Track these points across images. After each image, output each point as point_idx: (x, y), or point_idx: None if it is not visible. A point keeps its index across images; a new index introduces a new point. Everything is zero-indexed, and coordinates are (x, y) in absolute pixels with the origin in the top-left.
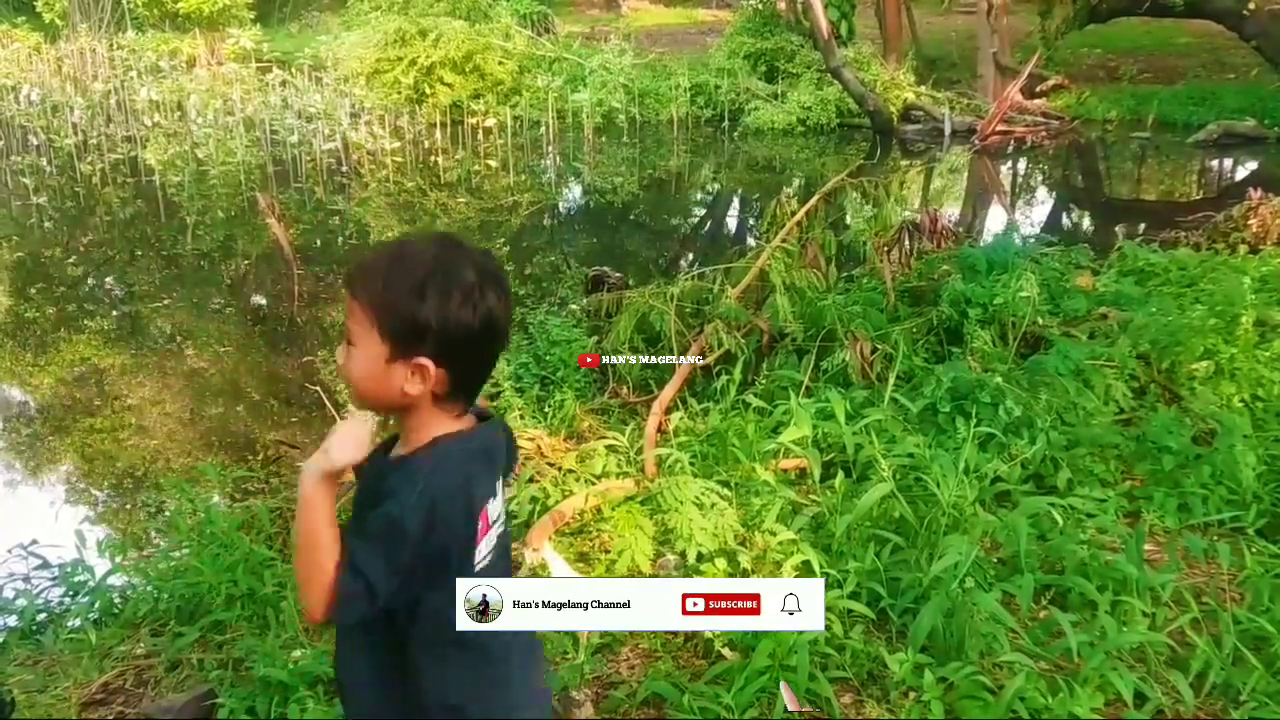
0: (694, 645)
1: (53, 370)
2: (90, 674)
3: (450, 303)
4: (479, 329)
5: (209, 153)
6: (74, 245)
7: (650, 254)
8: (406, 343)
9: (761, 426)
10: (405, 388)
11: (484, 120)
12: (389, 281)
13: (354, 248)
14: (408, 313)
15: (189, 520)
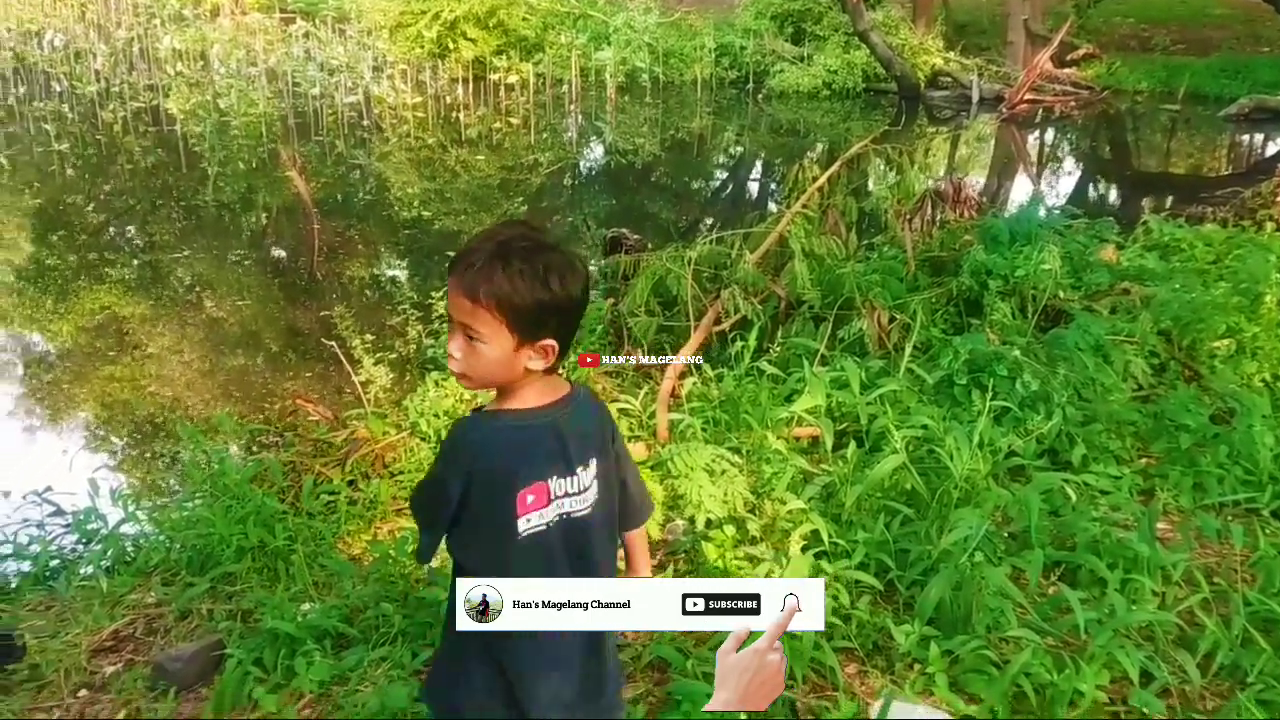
0: None
1: (72, 318)
2: (101, 621)
3: (565, 285)
4: (580, 301)
5: (231, 103)
6: (95, 193)
7: (670, 216)
8: (535, 329)
9: (775, 394)
10: (529, 366)
11: (506, 76)
12: (511, 280)
13: (373, 203)
14: (534, 304)
15: (203, 471)
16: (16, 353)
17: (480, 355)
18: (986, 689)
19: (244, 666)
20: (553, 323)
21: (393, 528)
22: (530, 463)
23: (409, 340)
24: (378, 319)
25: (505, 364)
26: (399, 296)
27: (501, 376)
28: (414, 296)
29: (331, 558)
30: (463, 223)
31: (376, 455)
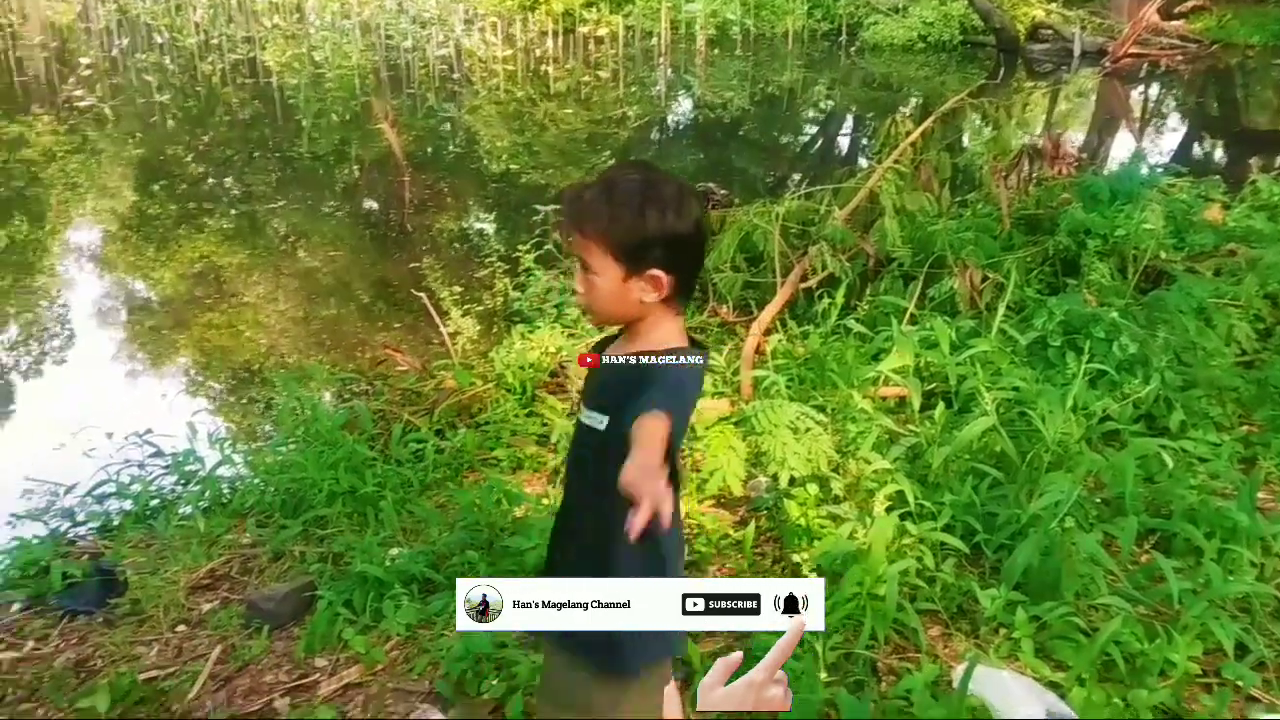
0: (781, 568)
1: (173, 266)
2: (199, 560)
3: (667, 215)
4: (692, 233)
5: (325, 56)
6: (194, 144)
7: (757, 171)
8: (638, 259)
9: (862, 353)
10: (643, 299)
11: (595, 29)
12: (612, 212)
13: (462, 156)
14: (636, 233)
15: (296, 417)
16: (120, 299)
17: (595, 288)
18: (1074, 656)
19: (334, 608)
20: (658, 253)
21: (478, 477)
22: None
23: (496, 293)
24: (466, 271)
25: (618, 296)
26: (486, 249)
27: (618, 310)
28: (501, 249)
29: (419, 504)
30: (550, 176)
31: (463, 405)
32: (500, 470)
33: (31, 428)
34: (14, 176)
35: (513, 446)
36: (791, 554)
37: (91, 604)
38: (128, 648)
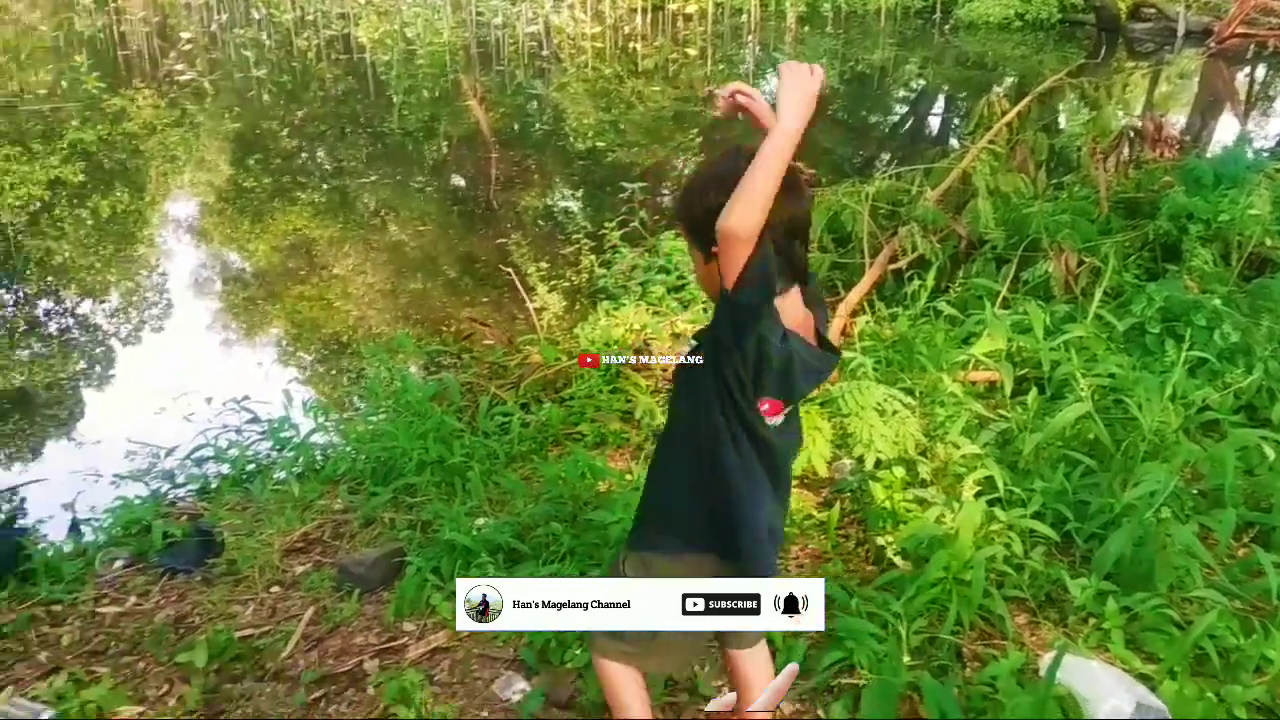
0: (865, 550)
1: (267, 238)
2: (292, 523)
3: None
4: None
5: (417, 32)
6: (289, 119)
7: (845, 151)
8: (708, 241)
9: (952, 336)
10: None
11: (684, 6)
12: (684, 197)
13: (549, 133)
14: (697, 215)
15: (386, 388)
16: (215, 270)
17: (695, 271)
18: (1166, 649)
19: (422, 574)
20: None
21: (562, 451)
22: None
23: (581, 270)
24: (551, 248)
25: (708, 279)
26: (572, 226)
27: (711, 290)
28: (587, 226)
29: (505, 476)
30: (635, 155)
31: (548, 380)
32: (584, 445)
33: (133, 392)
34: (116, 149)
35: (597, 422)
36: (875, 537)
37: (190, 563)
38: (224, 606)
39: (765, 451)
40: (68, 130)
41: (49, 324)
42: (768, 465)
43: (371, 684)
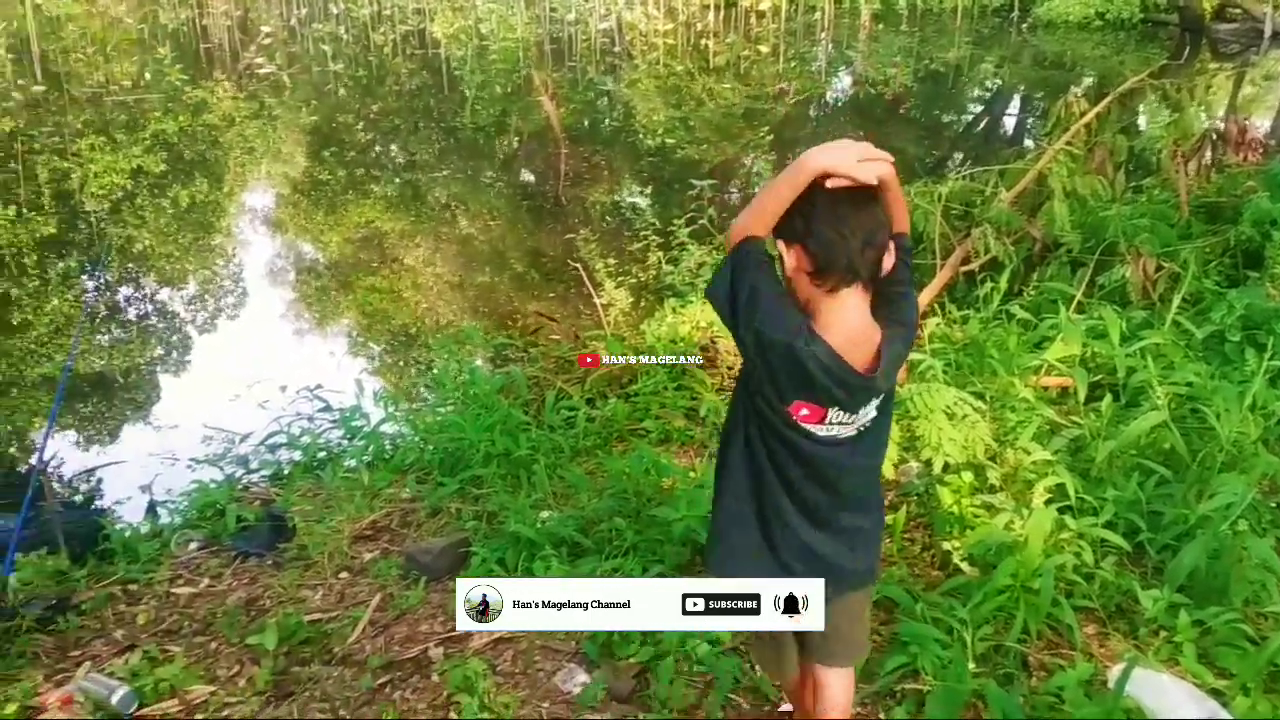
0: (931, 555)
1: (340, 230)
2: (362, 511)
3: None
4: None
5: (491, 28)
6: (364, 112)
7: (918, 150)
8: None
9: (1025, 340)
10: (787, 271)
11: (757, 3)
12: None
13: (619, 129)
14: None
15: (454, 380)
16: (289, 260)
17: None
18: (1240, 664)
19: (487, 565)
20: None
21: (627, 446)
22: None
23: (648, 266)
24: (618, 244)
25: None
26: (640, 223)
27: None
28: (655, 223)
29: (570, 470)
30: (705, 152)
31: (614, 376)
32: (649, 441)
33: (208, 379)
34: (196, 140)
35: (661, 418)
36: (942, 541)
37: (262, 547)
38: (294, 590)
39: (798, 457)
40: (150, 121)
41: (128, 310)
42: (803, 474)
43: (436, 671)
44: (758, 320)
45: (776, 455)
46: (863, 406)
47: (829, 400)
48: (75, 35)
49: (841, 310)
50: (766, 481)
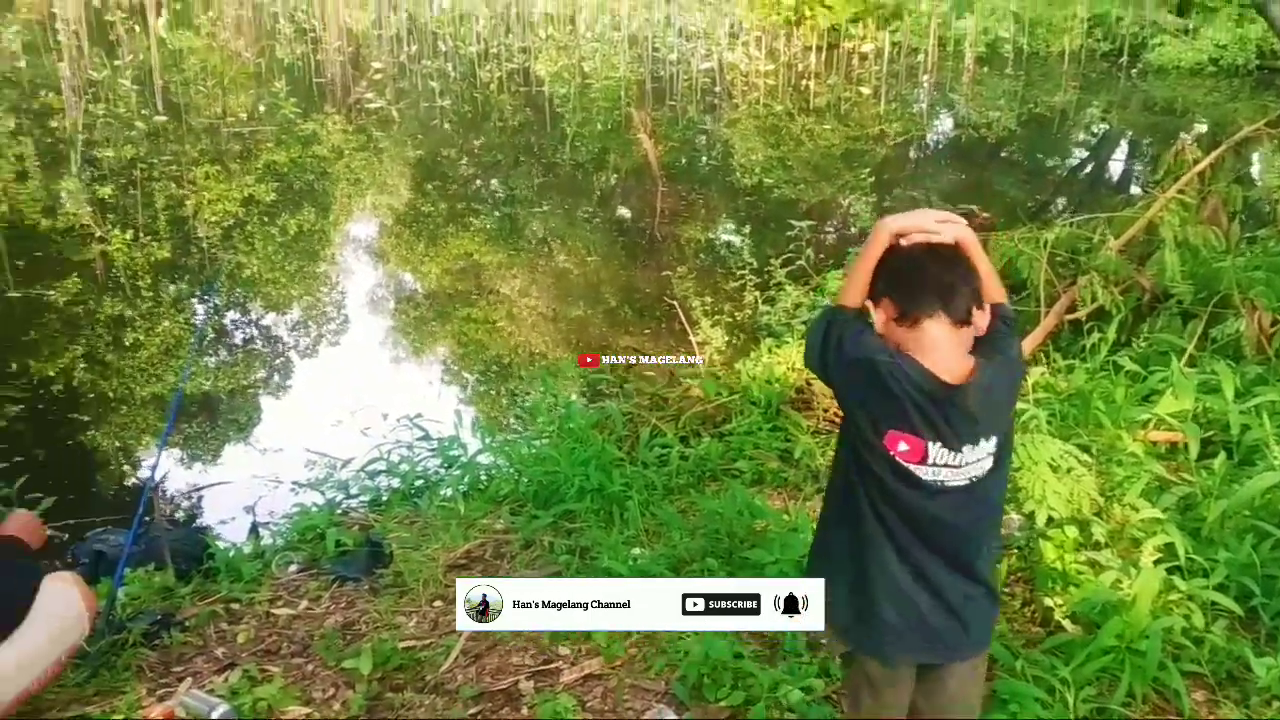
0: (1031, 611)
1: (440, 260)
2: (457, 540)
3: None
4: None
5: (594, 67)
6: (467, 147)
7: (1020, 194)
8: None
9: (1133, 392)
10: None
11: (860, 45)
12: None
13: (717, 168)
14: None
15: (550, 413)
16: (390, 289)
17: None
18: None
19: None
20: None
21: (720, 486)
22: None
23: (744, 305)
24: (713, 282)
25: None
26: (736, 262)
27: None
28: (752, 263)
29: (663, 508)
30: (802, 191)
31: (708, 415)
32: (742, 482)
33: (311, 403)
34: (306, 170)
35: (755, 459)
36: (1044, 597)
37: (360, 572)
38: (390, 616)
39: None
40: (263, 151)
41: (235, 333)
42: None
43: (526, 704)
44: (845, 346)
45: (881, 511)
46: (967, 443)
47: (925, 425)
48: (196, 68)
49: (929, 341)
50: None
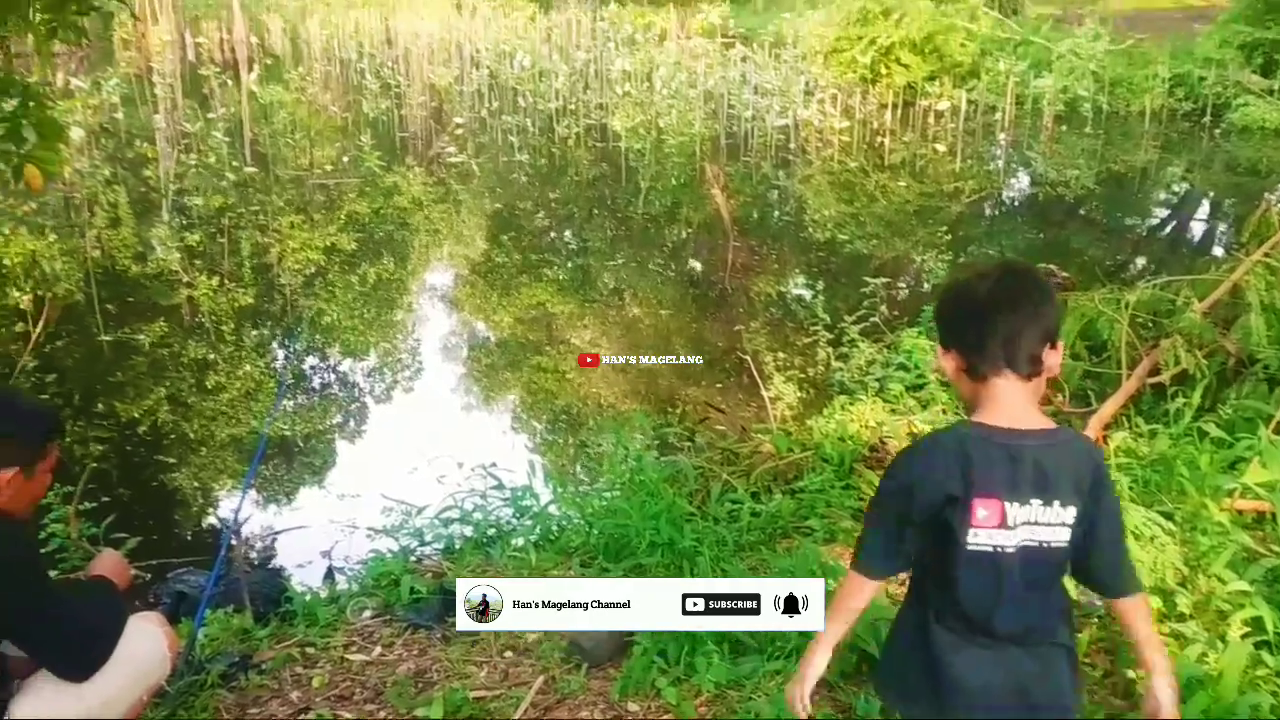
0: (1112, 683)
1: (512, 310)
2: None
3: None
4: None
5: (669, 123)
6: (543, 200)
7: (1098, 254)
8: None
9: (1218, 459)
10: (950, 375)
11: (936, 103)
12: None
13: (789, 223)
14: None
15: (621, 466)
16: (463, 337)
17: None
18: None
19: (649, 655)
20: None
21: (791, 543)
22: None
23: (817, 361)
24: (784, 336)
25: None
26: (808, 317)
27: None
28: (825, 318)
29: (733, 565)
30: (875, 247)
31: (779, 471)
32: (814, 540)
33: (386, 448)
34: (386, 221)
35: (827, 518)
36: (1126, 669)
37: (433, 620)
38: (461, 665)
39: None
40: (346, 202)
41: (313, 379)
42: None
43: None
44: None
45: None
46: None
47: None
48: (285, 121)
49: (999, 396)
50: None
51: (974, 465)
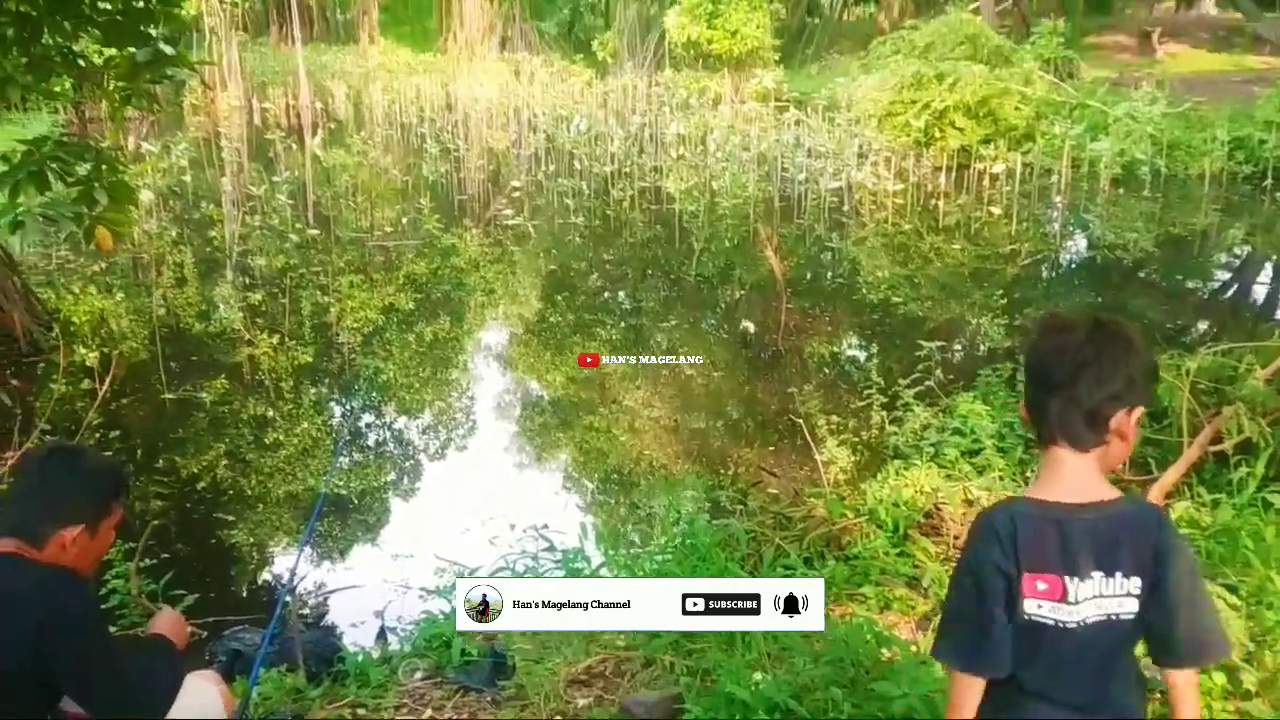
0: None
1: (565, 369)
2: (578, 655)
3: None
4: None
5: (723, 185)
6: (597, 261)
7: (1158, 318)
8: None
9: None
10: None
11: (992, 166)
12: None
13: (842, 285)
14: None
15: (673, 528)
16: (516, 395)
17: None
18: None
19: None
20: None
21: (845, 611)
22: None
23: (871, 425)
24: (836, 399)
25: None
26: (862, 380)
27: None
28: (879, 381)
29: (787, 633)
30: (929, 309)
31: (832, 536)
32: (868, 608)
33: (438, 507)
34: (443, 281)
35: (882, 585)
36: None
37: (483, 683)
38: None
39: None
40: (404, 263)
41: (368, 436)
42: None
43: None
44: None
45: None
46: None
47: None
48: (346, 184)
49: (1056, 466)
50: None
51: (1022, 542)
